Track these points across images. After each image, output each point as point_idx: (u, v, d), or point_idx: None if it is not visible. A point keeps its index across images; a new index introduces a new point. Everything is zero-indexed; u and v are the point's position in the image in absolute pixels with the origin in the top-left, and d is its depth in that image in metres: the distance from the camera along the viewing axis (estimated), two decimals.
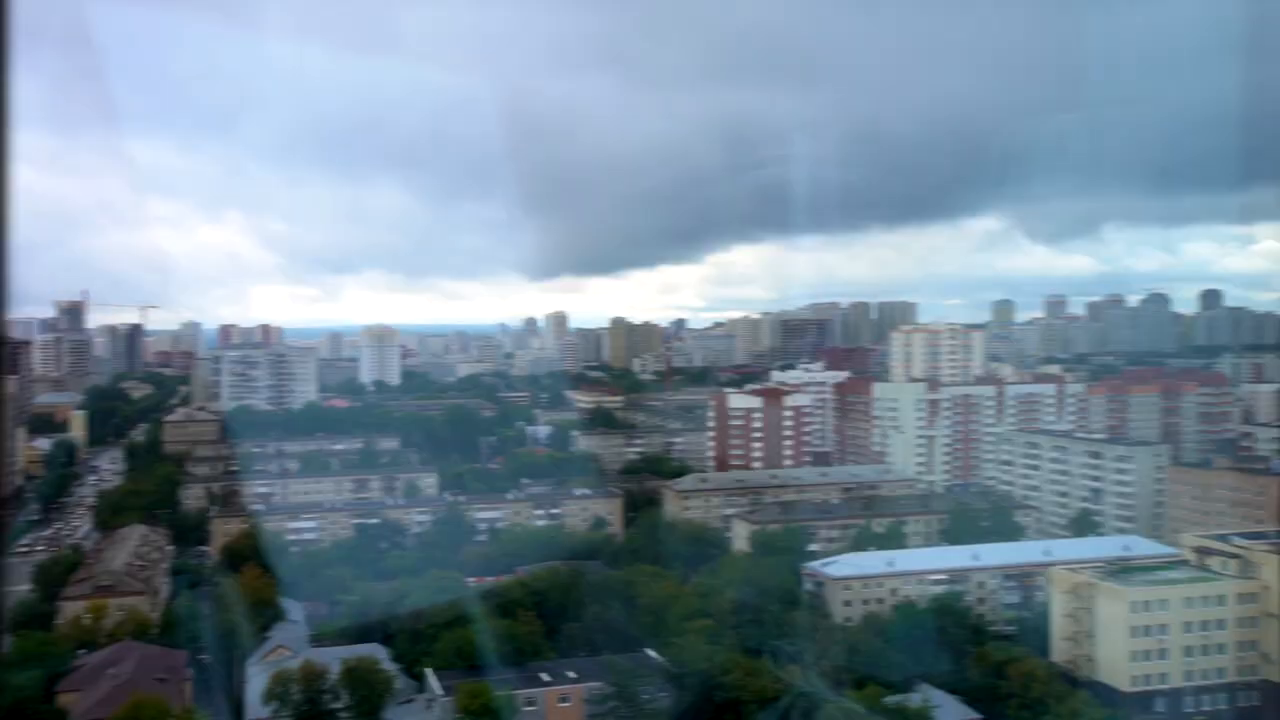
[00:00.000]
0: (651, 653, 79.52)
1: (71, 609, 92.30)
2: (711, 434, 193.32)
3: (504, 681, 71.97)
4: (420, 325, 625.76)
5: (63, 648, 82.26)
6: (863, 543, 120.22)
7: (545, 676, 75.89)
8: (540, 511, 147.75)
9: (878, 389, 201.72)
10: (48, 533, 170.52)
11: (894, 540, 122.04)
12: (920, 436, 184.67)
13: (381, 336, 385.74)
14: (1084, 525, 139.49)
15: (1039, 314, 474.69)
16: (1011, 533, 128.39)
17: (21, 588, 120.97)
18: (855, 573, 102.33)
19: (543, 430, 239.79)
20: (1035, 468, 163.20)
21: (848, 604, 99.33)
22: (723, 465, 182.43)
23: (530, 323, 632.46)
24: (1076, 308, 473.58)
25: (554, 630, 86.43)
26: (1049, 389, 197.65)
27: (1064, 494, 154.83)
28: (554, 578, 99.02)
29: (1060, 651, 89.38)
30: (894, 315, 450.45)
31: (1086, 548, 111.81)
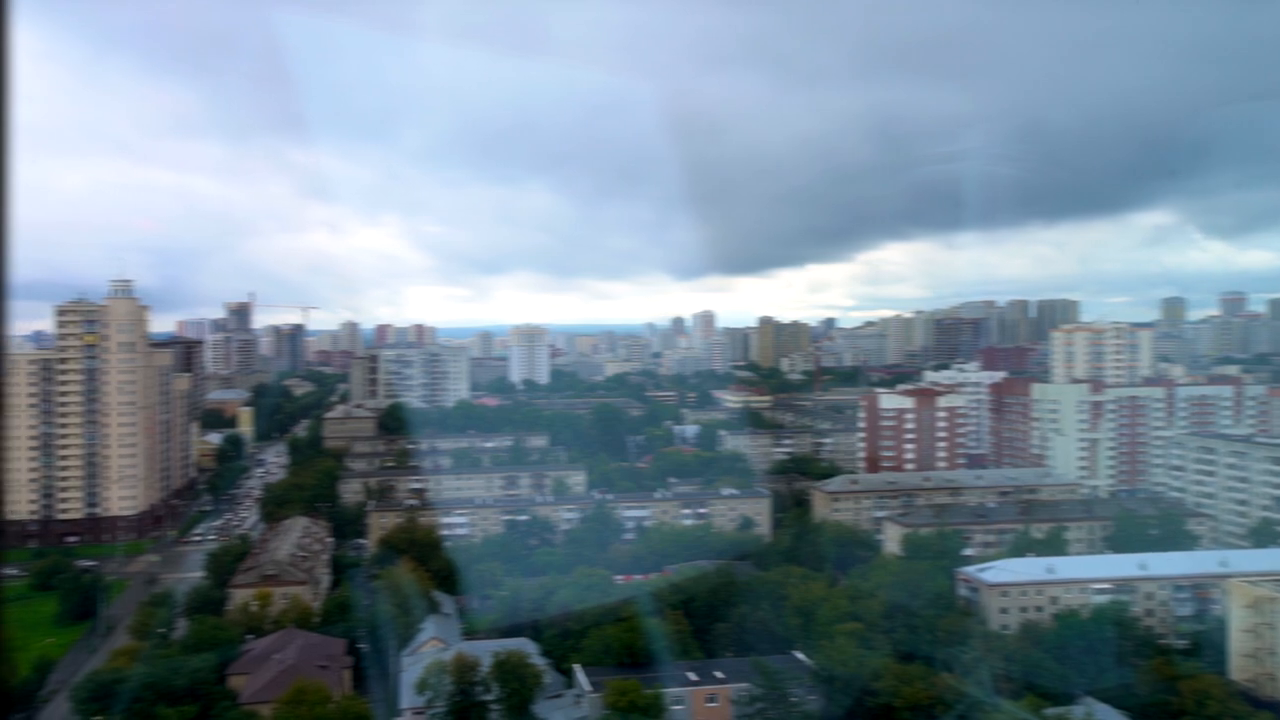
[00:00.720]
0: (800, 655, 78.29)
1: (240, 596, 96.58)
2: (862, 435, 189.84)
3: (652, 679, 71.91)
4: (569, 325, 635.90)
5: (232, 632, 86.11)
6: (1021, 548, 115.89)
7: (693, 676, 75.54)
8: (688, 511, 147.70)
9: (1037, 390, 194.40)
10: (218, 523, 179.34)
11: (1055, 546, 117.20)
12: (1083, 439, 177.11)
13: (531, 336, 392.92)
14: (1265, 535, 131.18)
15: (1214, 312, 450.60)
16: (1183, 542, 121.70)
17: (195, 574, 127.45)
18: (1013, 579, 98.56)
19: (690, 429, 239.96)
20: (1210, 474, 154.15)
21: (1005, 611, 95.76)
22: (873, 466, 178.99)
23: (678, 322, 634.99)
24: (1256, 305, 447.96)
25: (701, 629, 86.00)
26: (1225, 391, 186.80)
27: (1242, 502, 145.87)
28: (701, 577, 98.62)
29: (1240, 669, 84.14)
30: (1054, 314, 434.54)
31: (1268, 559, 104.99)
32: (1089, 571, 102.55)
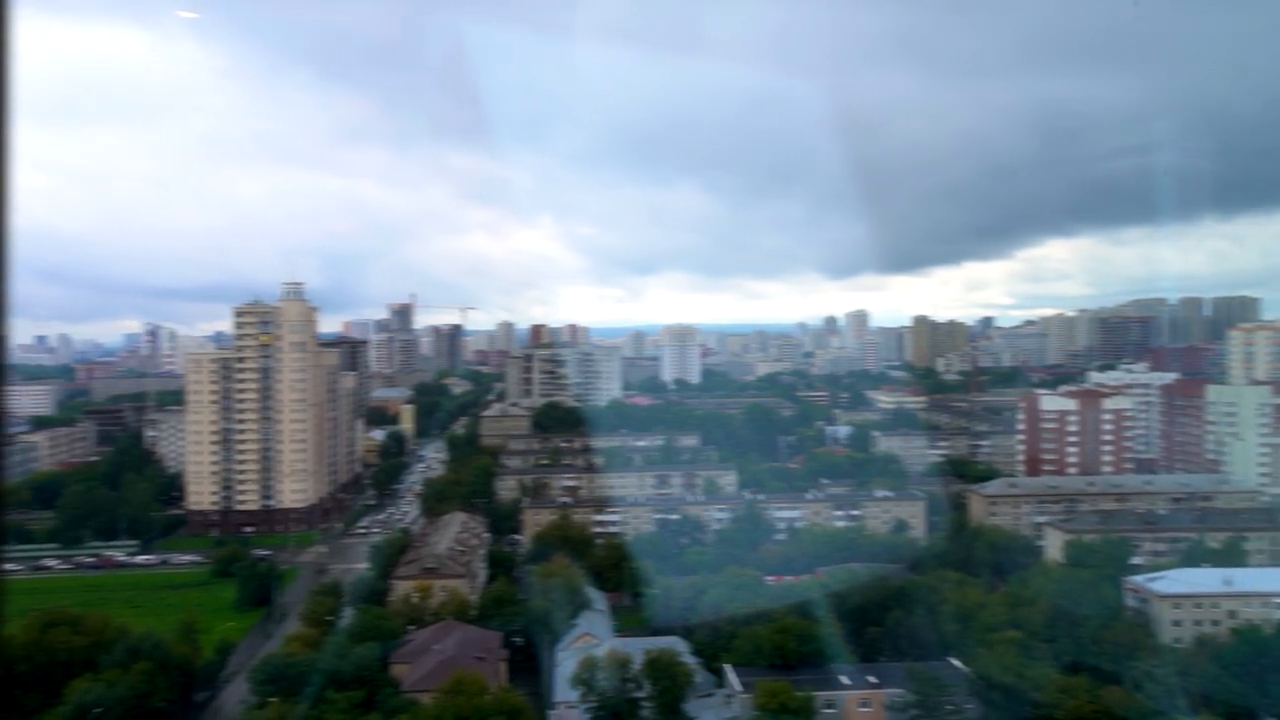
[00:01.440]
0: (956, 662, 76.26)
1: (402, 588, 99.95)
2: (1021, 437, 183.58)
3: (803, 682, 71.24)
4: (720, 324, 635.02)
5: (395, 623, 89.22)
6: (1195, 558, 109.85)
7: (845, 679, 74.49)
8: (840, 512, 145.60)
9: (1213, 392, 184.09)
10: (382, 516, 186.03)
11: (1233, 557, 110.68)
12: (1264, 445, 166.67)
13: (682, 335, 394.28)
14: None
15: None
16: None
17: (360, 566, 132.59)
18: (1187, 590, 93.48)
19: (842, 430, 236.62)
20: None
21: (1177, 624, 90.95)
22: (1034, 470, 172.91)
23: (830, 321, 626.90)
24: None
25: (854, 633, 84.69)
26: None
27: None
28: (854, 580, 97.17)
29: None
30: (1232, 312, 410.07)
31: None
32: (1272, 585, 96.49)
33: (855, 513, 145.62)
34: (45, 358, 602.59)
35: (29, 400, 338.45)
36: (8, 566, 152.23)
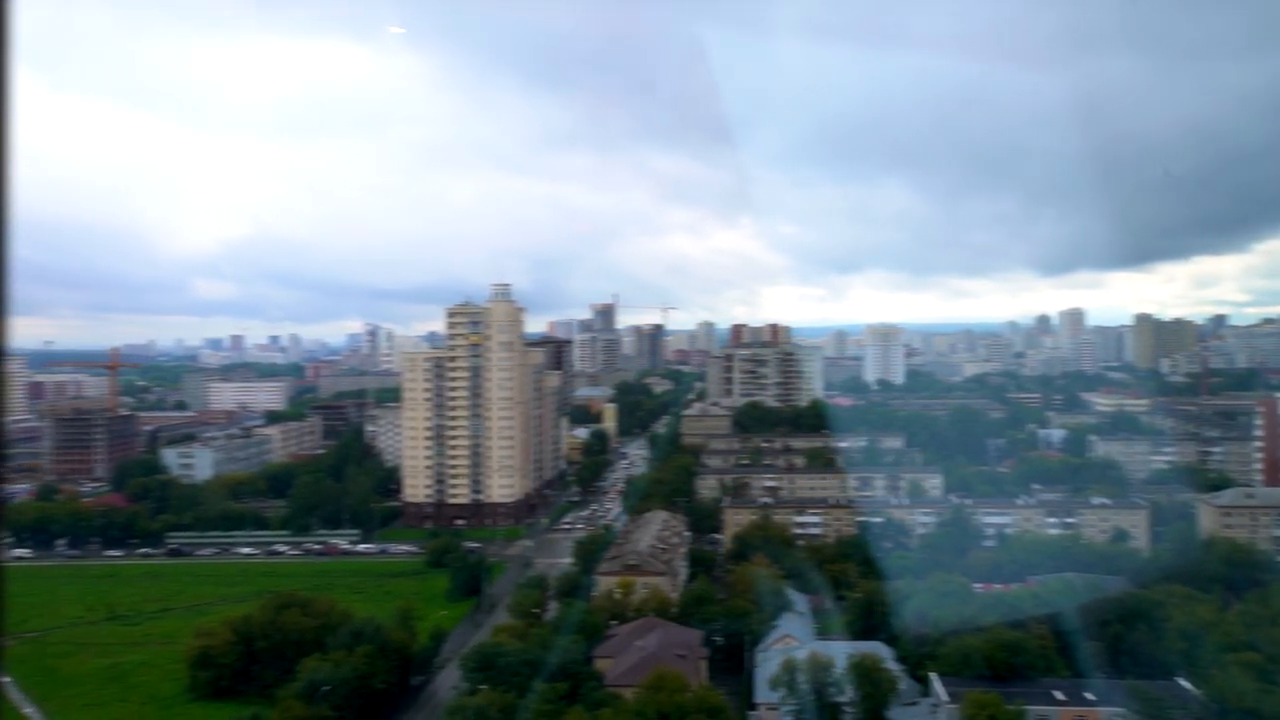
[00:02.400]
0: (1184, 683, 71.41)
1: (605, 583, 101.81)
2: (1259, 444, 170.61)
3: (1014, 695, 68.34)
4: (925, 323, 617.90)
5: (598, 617, 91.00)
6: None
7: (1059, 695, 70.96)
8: (1053, 519, 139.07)
9: None
10: (585, 513, 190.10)
11: None
12: None
13: (886, 335, 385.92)
14: None
15: None
16: None
17: (564, 560, 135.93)
18: None
19: (1056, 433, 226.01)
20: None
21: None
22: (1273, 479, 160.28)
23: (1043, 320, 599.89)
24: None
25: (1069, 647, 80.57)
26: None
27: None
28: (1069, 591, 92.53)
29: None
30: None
31: None
32: None
33: (1070, 520, 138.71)
34: (278, 356, 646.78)
35: (264, 396, 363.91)
36: (248, 550, 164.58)
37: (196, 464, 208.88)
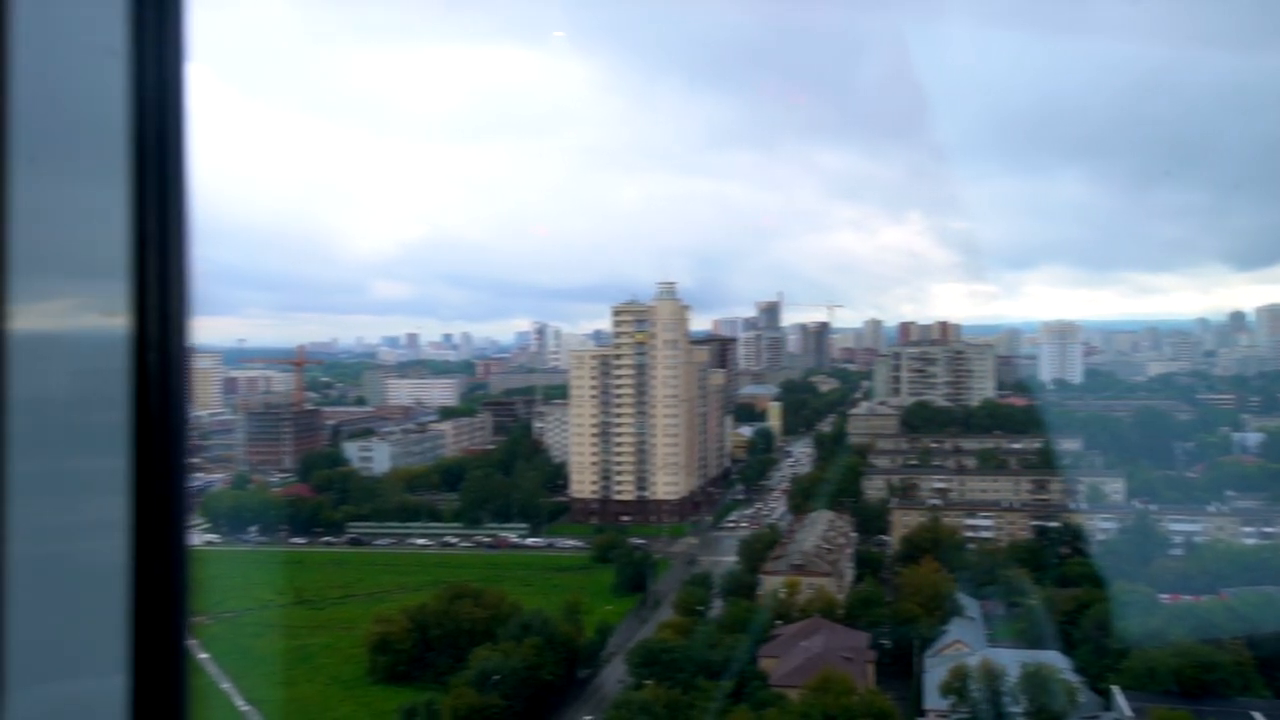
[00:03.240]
0: None
1: (770, 582, 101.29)
2: None
3: (1207, 714, 64.65)
4: (1105, 321, 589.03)
5: (763, 617, 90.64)
6: None
7: (1258, 716, 66.69)
8: (1250, 529, 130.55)
9: None
10: (749, 511, 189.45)
11: None
12: None
13: (1062, 333, 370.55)
14: None
15: None
16: None
17: (729, 559, 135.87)
18: None
19: (1252, 437, 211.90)
20: None
21: None
22: None
23: (1237, 317, 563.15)
24: None
25: (1270, 665, 75.61)
26: None
27: None
28: (1270, 606, 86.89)
29: None
30: None
31: None
32: None
33: (1270, 530, 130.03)
34: (451, 354, 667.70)
35: (437, 392, 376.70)
36: (422, 541, 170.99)
37: (375, 457, 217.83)
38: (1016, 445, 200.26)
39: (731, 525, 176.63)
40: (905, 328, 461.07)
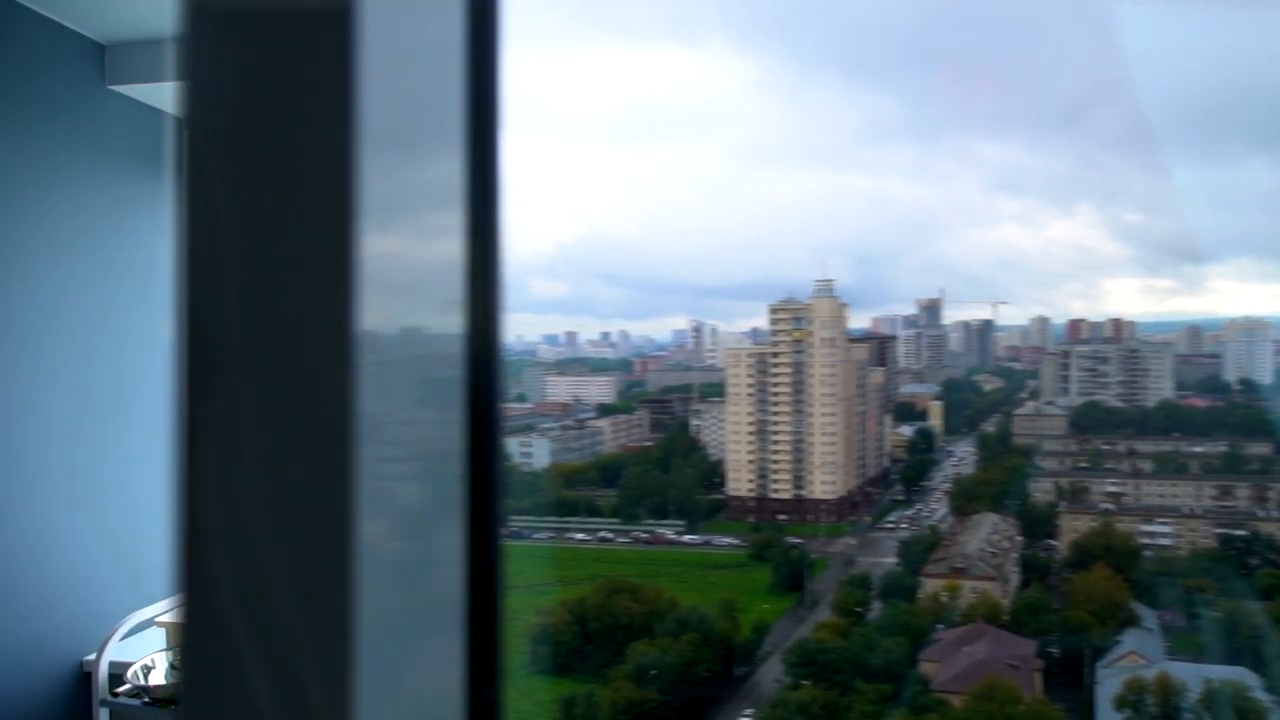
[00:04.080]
0: None
1: (931, 585, 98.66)
2: None
3: None
4: None
5: (923, 620, 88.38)
6: None
7: None
8: None
9: None
10: (909, 512, 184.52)
11: None
12: None
13: (1250, 330, 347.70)
14: None
15: None
16: None
17: (888, 560, 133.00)
18: None
19: None
20: None
21: None
22: None
23: None
24: None
25: None
26: None
27: None
28: None
29: None
30: None
31: None
32: None
33: None
34: (608, 352, 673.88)
35: (596, 390, 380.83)
36: (580, 536, 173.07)
37: (535, 453, 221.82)
38: (1198, 449, 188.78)
39: (891, 526, 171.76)
40: (1074, 325, 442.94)
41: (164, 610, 3.15)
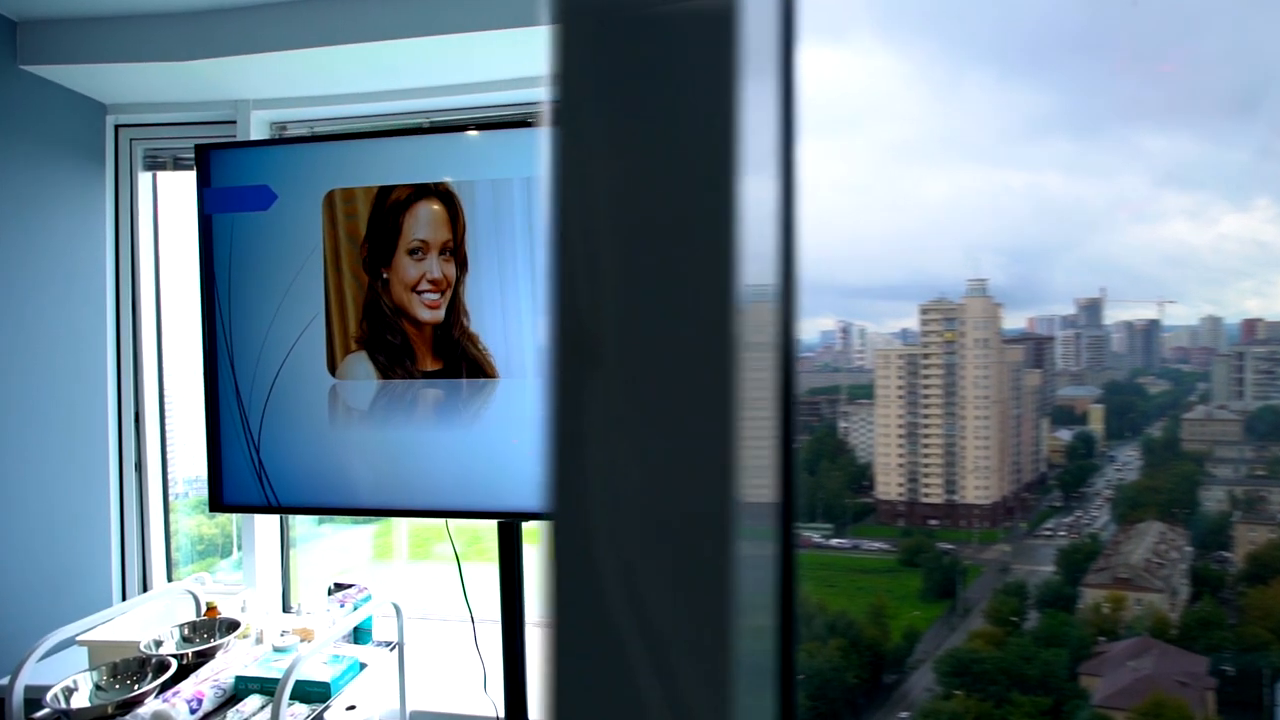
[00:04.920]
0: None
1: (1091, 596, 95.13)
2: None
3: None
4: None
5: (1083, 631, 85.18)
6: None
7: None
8: None
9: None
10: (1068, 519, 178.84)
11: None
12: None
13: None
14: None
15: None
16: None
17: (1044, 568, 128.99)
18: None
19: None
20: None
21: None
22: None
23: None
24: None
25: None
26: None
27: None
28: None
29: None
30: None
31: None
32: None
33: None
34: None
35: None
36: None
37: None
38: None
39: (1048, 533, 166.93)
40: (1249, 325, 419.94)
41: (85, 629, 2.95)
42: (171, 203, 4.15)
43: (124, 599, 3.98)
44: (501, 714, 3.03)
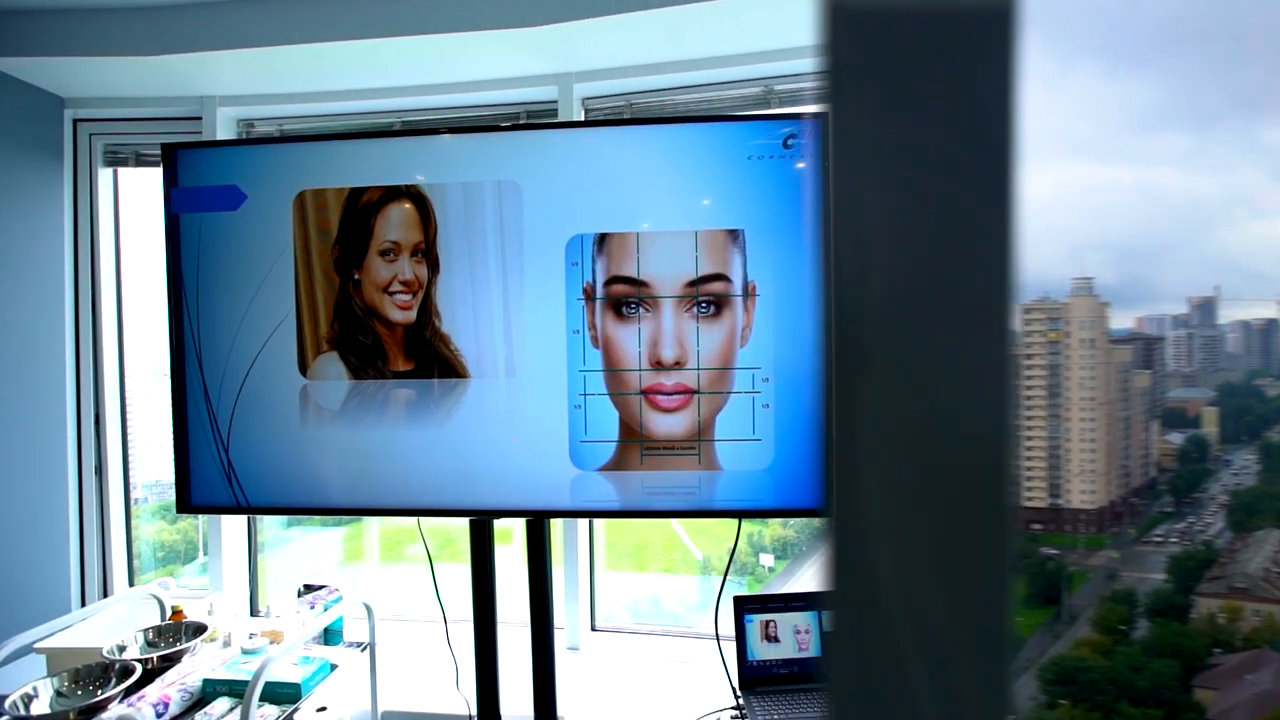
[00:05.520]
0: None
1: (1205, 605, 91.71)
2: None
3: None
4: None
5: (1197, 642, 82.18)
6: None
7: None
8: None
9: None
10: (1179, 525, 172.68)
11: None
12: None
13: None
14: None
15: None
16: None
17: (1155, 576, 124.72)
18: None
19: None
20: None
21: None
22: None
23: None
24: None
25: None
26: None
27: None
28: None
29: None
30: None
31: None
32: None
33: None
34: None
35: None
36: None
37: None
38: None
39: (1158, 539, 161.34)
40: None
41: (44, 635, 2.89)
42: (135, 200, 4.08)
43: (84, 606, 3.93)
44: (474, 711, 3.03)
